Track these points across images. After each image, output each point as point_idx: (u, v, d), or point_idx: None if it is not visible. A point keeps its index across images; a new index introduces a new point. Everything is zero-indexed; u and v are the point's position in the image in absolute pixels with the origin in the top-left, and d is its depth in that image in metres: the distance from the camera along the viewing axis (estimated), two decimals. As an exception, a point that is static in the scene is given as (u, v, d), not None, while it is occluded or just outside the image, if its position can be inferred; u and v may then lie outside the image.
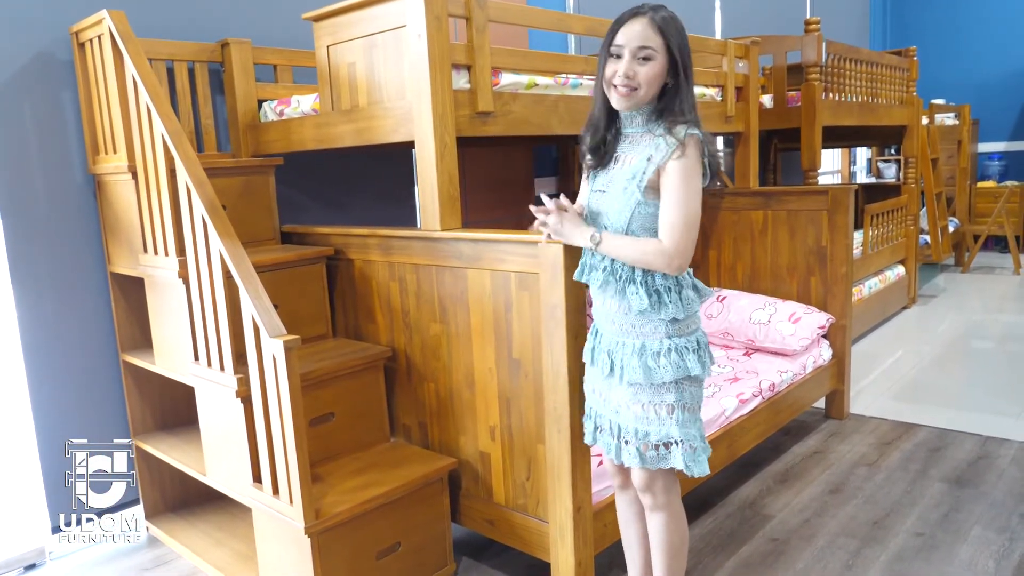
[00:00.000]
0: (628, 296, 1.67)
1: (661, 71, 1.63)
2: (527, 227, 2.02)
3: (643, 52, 1.62)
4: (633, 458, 1.74)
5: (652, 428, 1.70)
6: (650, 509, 1.83)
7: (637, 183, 1.64)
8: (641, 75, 1.62)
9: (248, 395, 2.01)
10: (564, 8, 4.30)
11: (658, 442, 1.70)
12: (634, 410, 1.72)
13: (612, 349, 1.75)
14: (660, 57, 1.62)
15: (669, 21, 1.64)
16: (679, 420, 1.70)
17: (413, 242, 2.32)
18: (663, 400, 1.69)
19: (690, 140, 1.60)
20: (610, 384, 1.77)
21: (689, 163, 1.60)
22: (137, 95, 2.22)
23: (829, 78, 4.35)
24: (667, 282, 1.67)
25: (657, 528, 1.83)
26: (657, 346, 1.68)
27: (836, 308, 3.43)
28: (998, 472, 2.88)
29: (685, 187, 1.59)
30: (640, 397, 1.70)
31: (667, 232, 1.60)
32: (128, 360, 2.60)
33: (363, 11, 2.29)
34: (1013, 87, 7.95)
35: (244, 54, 2.78)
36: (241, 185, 2.64)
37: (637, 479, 1.80)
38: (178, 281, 2.19)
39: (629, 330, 1.71)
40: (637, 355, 1.69)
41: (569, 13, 4.18)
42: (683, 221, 1.59)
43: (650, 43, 1.61)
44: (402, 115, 2.24)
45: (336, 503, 2.02)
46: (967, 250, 7.20)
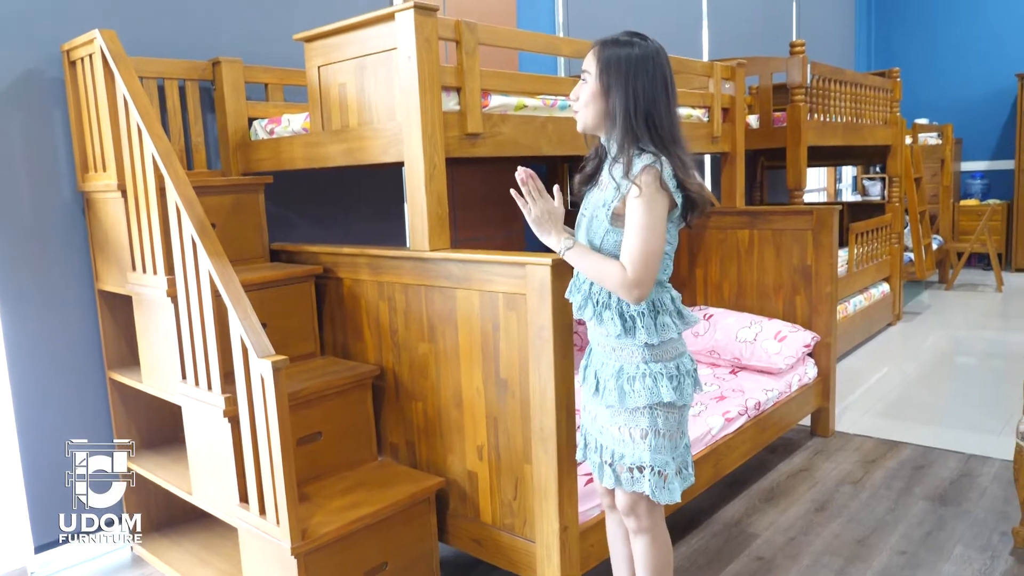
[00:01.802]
0: (604, 321, 1.69)
1: (595, 92, 1.65)
2: (517, 245, 2.04)
3: (582, 75, 1.69)
4: (610, 479, 1.76)
5: (627, 451, 1.72)
6: (633, 532, 1.82)
7: (605, 210, 1.65)
8: (580, 97, 1.69)
9: (236, 415, 2.01)
10: (553, 30, 4.35)
11: (631, 465, 1.72)
12: (611, 431, 1.74)
13: (598, 369, 1.78)
14: (592, 79, 1.66)
15: (610, 45, 1.64)
16: (651, 445, 1.70)
17: (402, 262, 2.34)
18: (636, 424, 1.70)
19: (645, 174, 1.57)
20: (595, 404, 1.80)
21: (646, 197, 1.57)
22: (128, 114, 2.23)
23: (814, 99, 4.41)
24: (640, 308, 1.67)
25: (640, 551, 1.83)
26: (633, 370, 1.69)
27: (821, 326, 3.47)
28: (980, 490, 2.91)
29: (644, 218, 1.57)
30: (616, 419, 1.72)
31: (627, 262, 1.59)
32: (115, 378, 2.59)
33: (354, 33, 2.32)
34: (994, 107, 8.09)
35: (235, 72, 2.79)
36: (231, 203, 2.65)
37: (620, 502, 1.80)
38: (166, 300, 2.19)
39: (610, 352, 1.73)
40: (614, 378, 1.71)
41: (558, 36, 4.23)
42: (640, 252, 1.57)
43: (586, 66, 1.68)
44: (392, 136, 2.26)
45: (323, 523, 2.02)
46: (951, 267, 7.29)
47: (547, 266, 1.90)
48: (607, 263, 1.62)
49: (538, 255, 1.98)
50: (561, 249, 1.67)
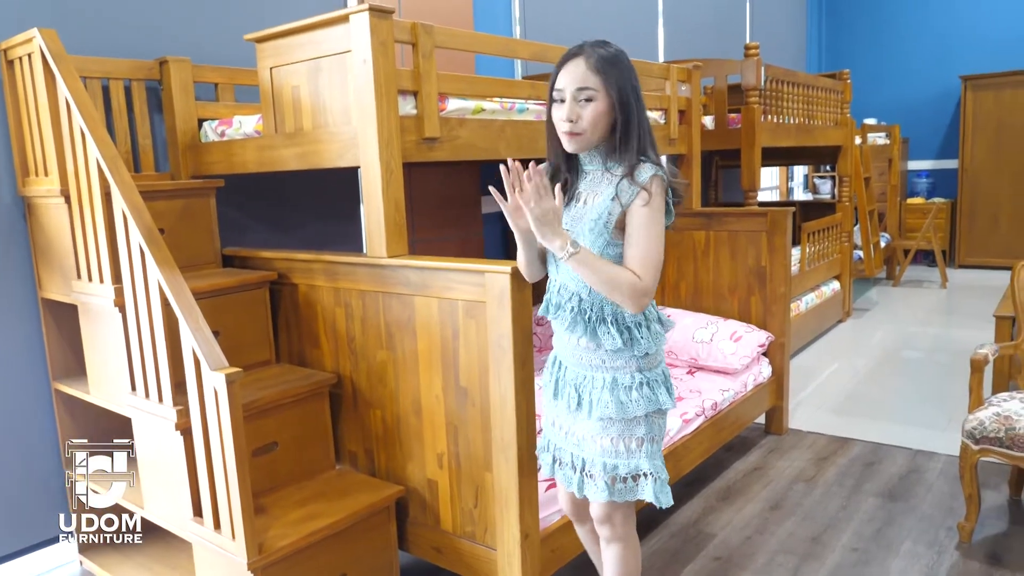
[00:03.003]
0: (600, 336, 1.65)
1: (605, 110, 1.59)
2: (475, 247, 2.03)
3: (583, 94, 1.58)
4: (601, 492, 1.70)
5: (620, 461, 1.69)
6: (607, 540, 1.81)
7: (604, 223, 1.60)
8: (585, 117, 1.59)
9: (188, 427, 1.95)
10: (510, 33, 4.33)
11: (626, 475, 1.69)
12: (602, 443, 1.70)
13: (579, 384, 1.73)
14: (602, 96, 1.58)
15: (607, 59, 1.59)
16: (648, 452, 1.70)
17: (359, 268, 2.30)
18: (633, 433, 1.69)
19: (654, 182, 1.57)
20: (575, 418, 1.75)
21: (655, 205, 1.57)
22: (70, 117, 2.15)
23: (768, 101, 4.48)
24: (636, 318, 1.66)
25: (614, 558, 1.81)
26: (628, 380, 1.67)
27: (775, 326, 3.53)
28: (927, 486, 3.00)
29: (651, 229, 1.57)
30: (610, 431, 1.69)
31: (638, 269, 1.57)
32: (60, 389, 2.51)
33: (308, 35, 2.27)
34: (940, 108, 8.33)
35: (183, 72, 2.71)
36: (181, 208, 2.58)
37: (597, 511, 1.78)
38: (114, 309, 2.12)
39: (599, 365, 1.69)
40: (608, 390, 1.67)
41: (516, 39, 4.22)
42: (652, 259, 1.57)
43: (588, 84, 1.57)
44: (348, 140, 2.22)
45: (280, 536, 1.98)
46: (897, 264, 7.49)
47: (507, 274, 1.89)
48: (619, 269, 1.58)
49: (497, 263, 1.97)
50: (566, 253, 1.55)
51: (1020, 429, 2.41)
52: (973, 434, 2.49)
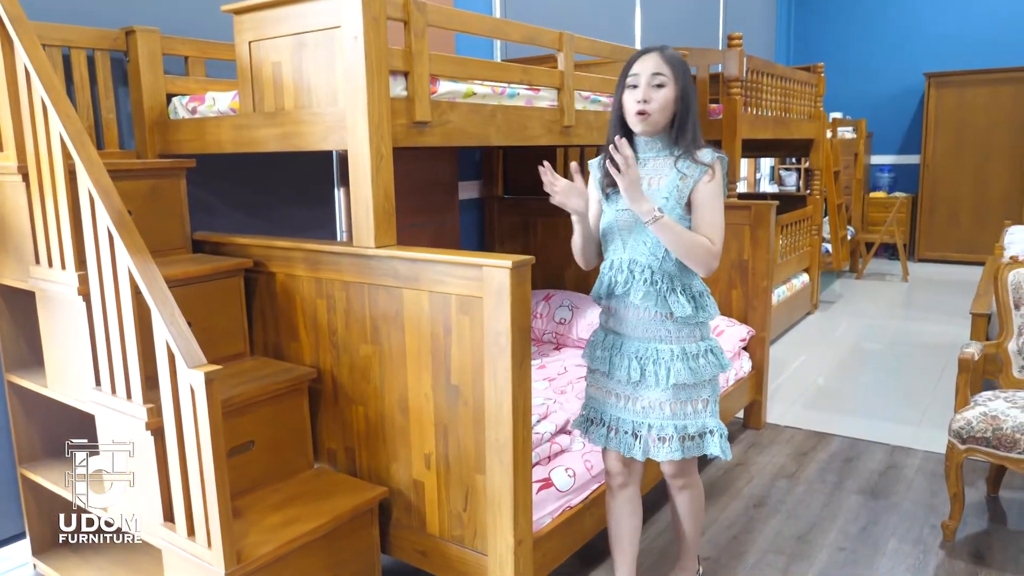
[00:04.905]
0: (671, 305, 1.85)
1: (673, 97, 1.82)
2: (450, 235, 1.99)
3: (657, 79, 1.82)
4: (675, 452, 1.89)
5: (689, 422, 1.90)
6: (680, 488, 2.07)
7: (676, 200, 1.83)
8: (656, 99, 1.82)
9: (160, 427, 1.82)
10: (490, 13, 4.20)
11: (695, 433, 1.91)
12: (672, 408, 1.89)
13: (643, 356, 1.90)
14: (671, 85, 1.82)
15: (676, 57, 1.86)
16: (712, 411, 1.94)
17: (343, 258, 2.18)
18: (700, 396, 1.91)
19: (719, 162, 1.84)
20: (637, 388, 1.93)
21: (718, 181, 1.83)
22: (30, 87, 1.97)
23: (748, 92, 4.45)
24: (701, 287, 1.91)
25: (689, 500, 2.09)
26: (695, 348, 1.89)
27: (757, 321, 3.50)
28: (907, 482, 3.01)
29: (716, 202, 1.83)
30: (680, 396, 1.89)
31: (711, 236, 1.81)
32: (14, 381, 2.33)
33: (292, 7, 2.12)
34: (903, 103, 8.45)
35: (152, 43, 2.53)
36: (148, 189, 2.41)
37: (669, 469, 2.03)
38: (77, 298, 1.96)
39: (665, 336, 1.89)
40: (680, 359, 1.87)
41: (508, 20, 4.08)
42: (720, 228, 1.83)
43: (663, 71, 1.82)
44: (334, 122, 2.09)
45: (259, 543, 1.86)
46: (860, 257, 7.60)
47: (506, 268, 1.79)
48: (696, 235, 1.81)
49: (493, 255, 1.87)
50: (652, 217, 1.75)
51: (1007, 429, 2.41)
52: (960, 434, 2.49)
